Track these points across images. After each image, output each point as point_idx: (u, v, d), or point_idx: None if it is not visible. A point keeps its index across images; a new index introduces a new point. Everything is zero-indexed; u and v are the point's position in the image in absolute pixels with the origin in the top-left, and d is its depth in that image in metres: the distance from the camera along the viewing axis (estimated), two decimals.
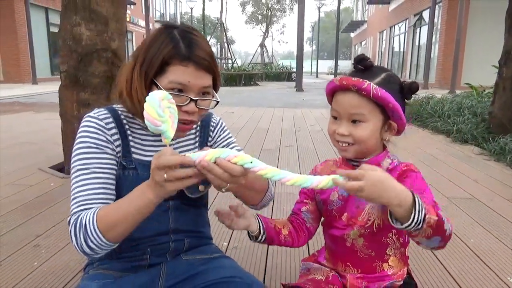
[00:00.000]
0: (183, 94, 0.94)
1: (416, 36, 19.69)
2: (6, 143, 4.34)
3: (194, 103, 0.96)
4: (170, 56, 0.93)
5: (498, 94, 4.78)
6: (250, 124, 6.01)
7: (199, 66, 0.94)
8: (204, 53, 0.95)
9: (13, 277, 1.61)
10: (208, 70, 0.97)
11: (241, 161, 0.82)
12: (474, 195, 2.75)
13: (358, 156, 1.05)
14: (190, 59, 0.93)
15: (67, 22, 2.82)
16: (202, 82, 0.96)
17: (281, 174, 0.83)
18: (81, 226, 0.88)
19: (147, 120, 0.82)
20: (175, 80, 0.93)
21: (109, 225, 0.87)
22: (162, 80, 0.94)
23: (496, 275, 1.69)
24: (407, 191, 0.83)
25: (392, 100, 0.96)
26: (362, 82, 0.95)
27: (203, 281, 1.04)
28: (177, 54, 0.93)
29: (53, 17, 17.77)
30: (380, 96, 0.95)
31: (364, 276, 1.10)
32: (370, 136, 1.00)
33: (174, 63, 0.93)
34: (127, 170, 1.01)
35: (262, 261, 1.79)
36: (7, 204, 2.44)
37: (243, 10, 42.57)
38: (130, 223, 0.88)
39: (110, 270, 1.06)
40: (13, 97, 10.18)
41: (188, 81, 0.94)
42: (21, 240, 1.94)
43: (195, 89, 0.96)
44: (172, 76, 0.94)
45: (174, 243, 1.09)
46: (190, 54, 0.93)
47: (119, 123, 1.02)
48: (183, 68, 0.93)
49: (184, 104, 0.95)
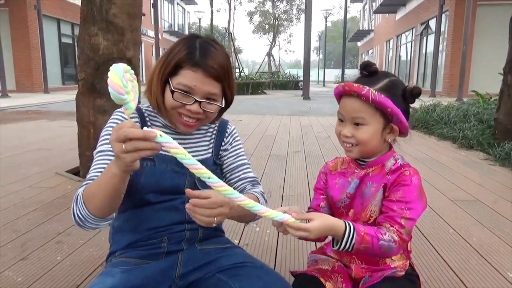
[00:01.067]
0: (189, 95, 1.07)
1: (423, 45, 19.75)
2: (23, 149, 4.49)
3: (198, 104, 1.08)
4: (183, 60, 1.06)
5: (503, 101, 4.85)
6: (258, 131, 6.13)
7: (207, 73, 1.06)
8: (215, 63, 1.07)
9: (39, 269, 1.72)
10: (216, 78, 1.08)
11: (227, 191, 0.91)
12: (478, 198, 2.82)
13: (362, 155, 1.14)
14: (200, 66, 1.06)
15: (85, 33, 2.96)
16: (208, 88, 1.08)
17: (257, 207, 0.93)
18: (76, 196, 1.01)
19: (111, 87, 0.82)
20: (182, 82, 1.06)
21: (89, 197, 0.96)
22: (174, 80, 1.08)
23: (497, 270, 1.76)
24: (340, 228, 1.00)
25: (390, 104, 1.03)
26: (362, 88, 1.03)
27: (216, 267, 1.13)
28: (189, 60, 1.06)
29: (64, 28, 18.19)
30: (379, 101, 1.03)
31: (368, 267, 1.19)
32: (371, 138, 1.08)
33: (186, 67, 1.06)
34: (146, 161, 1.12)
35: (272, 257, 1.88)
36: (29, 204, 2.56)
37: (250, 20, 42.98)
38: (104, 195, 0.94)
39: (130, 258, 1.15)
40: (26, 106, 10.42)
41: (195, 85, 1.06)
42: (44, 237, 2.05)
43: (200, 93, 1.08)
44: (181, 78, 1.07)
45: (189, 232, 1.19)
46: (201, 61, 1.06)
47: (143, 119, 1.17)
48: (192, 73, 1.06)
49: (190, 104, 1.07)
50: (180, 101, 1.07)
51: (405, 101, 1.09)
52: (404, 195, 1.06)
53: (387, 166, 1.13)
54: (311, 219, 0.97)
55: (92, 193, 0.95)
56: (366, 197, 1.14)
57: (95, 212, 0.97)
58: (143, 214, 1.16)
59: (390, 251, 1.04)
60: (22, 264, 1.77)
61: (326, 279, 1.13)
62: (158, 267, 1.13)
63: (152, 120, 1.18)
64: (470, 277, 1.70)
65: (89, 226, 1.01)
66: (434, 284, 1.64)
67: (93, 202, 0.95)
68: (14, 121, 7.27)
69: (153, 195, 1.14)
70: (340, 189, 1.19)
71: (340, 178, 1.21)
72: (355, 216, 1.16)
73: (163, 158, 1.13)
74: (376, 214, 1.12)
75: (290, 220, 0.95)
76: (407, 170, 1.10)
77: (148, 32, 26.31)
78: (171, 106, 1.10)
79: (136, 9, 3.08)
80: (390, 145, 1.17)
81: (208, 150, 1.25)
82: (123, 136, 0.81)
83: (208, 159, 1.23)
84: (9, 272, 1.69)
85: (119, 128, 0.83)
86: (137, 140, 0.81)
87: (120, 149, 0.82)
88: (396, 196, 1.07)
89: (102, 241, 1.99)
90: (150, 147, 0.83)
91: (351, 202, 1.17)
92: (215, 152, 1.26)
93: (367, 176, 1.14)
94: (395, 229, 1.05)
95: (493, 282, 1.67)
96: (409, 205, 1.07)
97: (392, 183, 1.09)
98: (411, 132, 1.13)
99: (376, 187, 1.12)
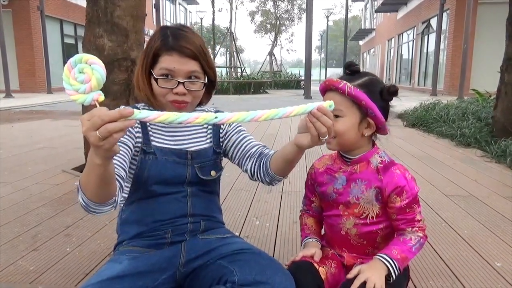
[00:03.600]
0: (172, 78, 1.16)
1: (424, 44, 19.78)
2: (28, 148, 4.60)
3: (182, 85, 1.17)
4: (159, 48, 1.17)
5: (501, 99, 4.92)
6: (259, 130, 6.21)
7: (183, 54, 1.16)
8: (187, 43, 1.17)
9: (50, 260, 1.82)
10: (192, 57, 1.17)
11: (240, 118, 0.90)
12: (472, 193, 2.90)
13: (341, 148, 1.23)
14: (174, 49, 1.16)
15: (90, 34, 3.06)
16: (187, 67, 1.17)
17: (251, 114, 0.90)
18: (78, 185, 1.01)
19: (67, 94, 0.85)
20: (163, 67, 1.16)
21: (84, 185, 0.98)
22: (155, 70, 1.18)
23: (485, 260, 1.84)
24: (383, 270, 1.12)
25: (365, 98, 1.12)
26: (339, 82, 1.14)
27: (217, 254, 1.21)
28: (164, 46, 1.16)
29: (67, 29, 18.30)
30: (354, 94, 1.12)
31: (358, 256, 1.27)
32: (348, 130, 1.16)
33: (162, 54, 1.17)
34: (147, 155, 1.21)
35: (271, 249, 1.96)
36: (37, 200, 2.66)
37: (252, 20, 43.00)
38: (94, 184, 0.94)
39: (137, 247, 1.24)
40: (30, 106, 10.55)
41: (174, 67, 1.16)
42: (54, 230, 2.15)
43: (181, 74, 1.17)
44: (161, 65, 1.17)
45: (192, 225, 1.27)
46: (175, 44, 1.16)
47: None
48: (169, 57, 1.16)
49: (174, 87, 1.16)
50: (165, 87, 1.16)
51: (383, 98, 1.17)
52: (408, 196, 1.16)
53: (373, 163, 1.20)
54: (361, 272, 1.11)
55: (84, 182, 0.96)
56: (355, 194, 1.21)
57: (93, 198, 0.97)
58: (148, 207, 1.24)
59: (423, 246, 1.20)
60: (34, 254, 1.86)
61: (319, 264, 1.21)
62: (163, 255, 1.21)
63: None
64: (459, 267, 1.78)
65: (93, 211, 1.03)
66: (424, 272, 1.73)
67: (87, 189, 0.96)
68: (19, 121, 7.38)
69: (157, 186, 1.22)
70: (328, 184, 1.27)
71: (327, 174, 1.29)
72: (345, 211, 1.24)
73: (164, 151, 1.21)
74: (370, 212, 1.20)
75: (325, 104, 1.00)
76: (397, 169, 1.19)
77: (150, 32, 26.39)
78: (159, 94, 1.18)
79: (139, 11, 3.18)
80: (374, 143, 1.25)
81: (206, 141, 1.31)
82: (100, 121, 0.79)
83: (208, 149, 1.30)
84: (22, 262, 1.79)
85: (92, 115, 0.80)
86: (110, 123, 0.80)
87: (95, 138, 0.79)
88: (402, 199, 1.16)
89: (109, 233, 2.09)
90: (122, 126, 0.81)
91: (339, 197, 1.24)
92: (215, 142, 1.32)
93: (355, 174, 1.22)
94: (417, 228, 1.18)
95: (481, 271, 1.75)
96: (414, 200, 1.17)
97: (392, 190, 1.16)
98: (390, 130, 1.20)
99: (367, 185, 1.20)
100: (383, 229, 1.23)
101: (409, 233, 1.18)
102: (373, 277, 1.07)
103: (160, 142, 1.24)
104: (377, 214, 1.21)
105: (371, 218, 1.21)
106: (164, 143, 1.24)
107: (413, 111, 7.36)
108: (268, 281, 1.03)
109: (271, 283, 1.03)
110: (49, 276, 1.67)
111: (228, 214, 2.43)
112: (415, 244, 1.16)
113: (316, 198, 1.36)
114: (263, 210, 2.52)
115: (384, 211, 1.21)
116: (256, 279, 1.04)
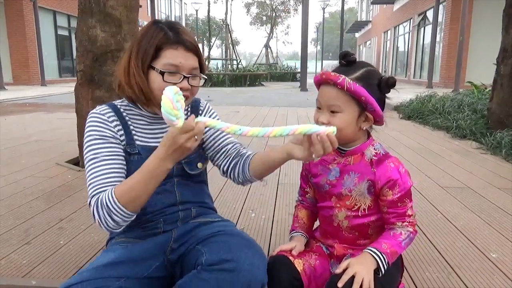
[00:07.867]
0: (178, 72, 1.14)
1: (420, 36, 19.75)
2: (22, 140, 4.55)
3: (187, 80, 1.15)
4: (162, 42, 1.13)
5: (496, 91, 4.93)
6: (255, 123, 6.19)
7: (187, 48, 1.14)
8: (190, 38, 1.16)
9: (43, 252, 1.80)
10: (195, 52, 1.17)
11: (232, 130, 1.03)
12: (467, 184, 2.90)
13: (339, 142, 1.18)
14: (179, 43, 1.13)
15: (83, 25, 3.01)
16: (191, 63, 1.16)
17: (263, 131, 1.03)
18: (102, 205, 1.04)
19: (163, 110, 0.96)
20: (169, 62, 1.13)
21: (131, 199, 1.03)
22: (157, 64, 1.14)
23: (480, 251, 1.85)
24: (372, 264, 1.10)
25: (365, 93, 1.08)
26: (338, 77, 1.08)
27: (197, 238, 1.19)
28: (167, 39, 1.13)
29: (60, 20, 18.08)
30: (354, 90, 1.07)
31: (349, 246, 1.26)
32: (347, 125, 1.12)
33: (166, 48, 1.13)
34: (132, 156, 1.19)
35: (267, 241, 1.96)
36: (31, 193, 2.63)
37: (247, 12, 42.80)
38: (150, 192, 1.05)
39: (130, 238, 1.24)
40: (23, 99, 10.44)
41: (180, 62, 1.13)
42: (47, 223, 2.13)
43: (186, 69, 1.15)
44: (165, 59, 1.13)
45: (183, 212, 1.27)
46: (178, 38, 1.14)
47: (120, 116, 1.21)
48: (174, 51, 1.13)
49: (179, 82, 1.13)
50: (171, 81, 1.12)
51: (381, 90, 1.13)
52: (400, 189, 1.14)
53: (367, 155, 1.18)
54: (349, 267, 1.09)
55: (136, 195, 1.03)
56: (347, 186, 1.19)
57: (136, 209, 1.06)
58: None
59: (412, 240, 1.19)
60: (26, 248, 1.84)
61: (295, 257, 1.19)
62: (155, 241, 1.22)
63: (129, 114, 1.22)
64: (455, 258, 1.78)
65: (124, 225, 1.09)
66: (419, 263, 1.73)
67: (136, 202, 1.04)
68: (12, 113, 7.30)
69: None
70: (322, 175, 1.26)
71: (321, 165, 1.27)
72: (337, 203, 1.23)
73: (148, 149, 1.18)
74: (362, 204, 1.19)
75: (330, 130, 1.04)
76: (391, 162, 1.16)
77: (144, 23, 26.15)
78: (157, 89, 1.12)
79: (133, 1, 3.13)
80: (369, 134, 1.22)
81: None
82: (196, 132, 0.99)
83: None
84: (14, 255, 1.77)
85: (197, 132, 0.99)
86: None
87: (192, 144, 1.00)
88: (394, 192, 1.14)
89: None
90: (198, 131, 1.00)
91: (332, 189, 1.23)
92: None
93: (349, 165, 1.20)
94: (407, 222, 1.17)
95: (476, 262, 1.75)
96: (407, 194, 1.16)
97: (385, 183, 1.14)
98: (386, 121, 1.18)
99: (359, 178, 1.18)
100: (374, 222, 1.22)
101: (399, 228, 1.17)
102: (362, 271, 1.06)
103: (143, 141, 1.22)
104: (369, 207, 1.19)
105: (363, 211, 1.20)
106: (147, 141, 1.22)
107: (409, 103, 7.36)
108: (233, 258, 1.03)
109: (236, 260, 1.02)
110: (42, 270, 1.65)
111: (223, 206, 2.41)
112: (405, 239, 1.15)
113: (310, 189, 1.35)
114: (258, 202, 2.51)
115: (376, 203, 1.19)
116: (222, 257, 1.04)
